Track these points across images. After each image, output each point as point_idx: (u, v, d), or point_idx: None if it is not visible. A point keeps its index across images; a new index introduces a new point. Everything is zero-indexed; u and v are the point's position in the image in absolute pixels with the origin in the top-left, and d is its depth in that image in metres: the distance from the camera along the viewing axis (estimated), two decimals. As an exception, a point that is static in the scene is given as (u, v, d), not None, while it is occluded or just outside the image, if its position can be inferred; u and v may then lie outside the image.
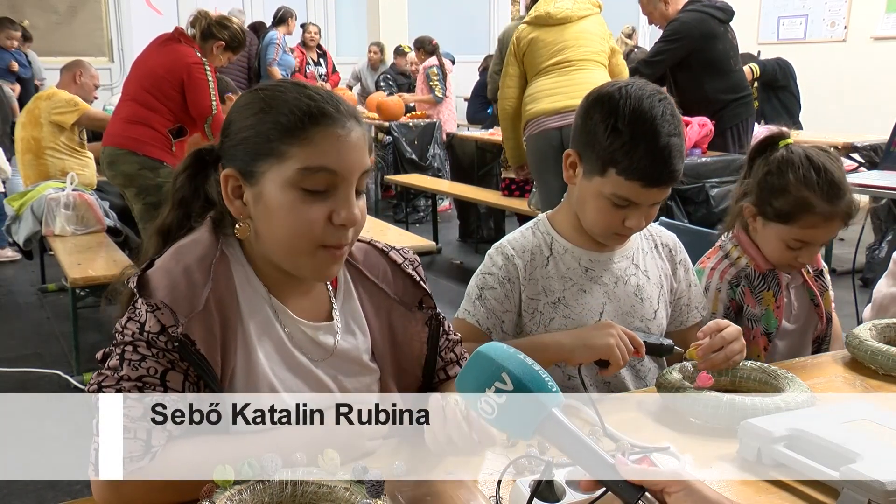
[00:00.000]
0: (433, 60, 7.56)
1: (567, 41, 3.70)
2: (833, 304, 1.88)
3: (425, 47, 7.70)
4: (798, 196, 1.65)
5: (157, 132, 3.82)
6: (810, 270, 1.84)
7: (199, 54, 3.78)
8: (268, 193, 1.07)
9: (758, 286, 1.75)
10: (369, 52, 8.98)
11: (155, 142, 3.83)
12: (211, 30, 3.83)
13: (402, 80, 8.38)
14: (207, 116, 3.79)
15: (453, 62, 8.20)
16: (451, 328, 1.33)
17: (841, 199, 1.65)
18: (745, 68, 4.76)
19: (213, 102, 3.79)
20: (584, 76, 3.60)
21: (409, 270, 1.26)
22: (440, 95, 7.53)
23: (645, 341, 1.44)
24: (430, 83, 7.43)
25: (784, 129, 1.85)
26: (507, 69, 3.90)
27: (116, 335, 1.06)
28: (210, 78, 3.77)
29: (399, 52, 8.55)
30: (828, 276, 1.87)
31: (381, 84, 8.26)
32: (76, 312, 3.63)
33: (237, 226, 1.11)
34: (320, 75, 8.20)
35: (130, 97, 3.87)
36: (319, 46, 8.56)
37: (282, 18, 8.00)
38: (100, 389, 1.03)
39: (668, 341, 1.49)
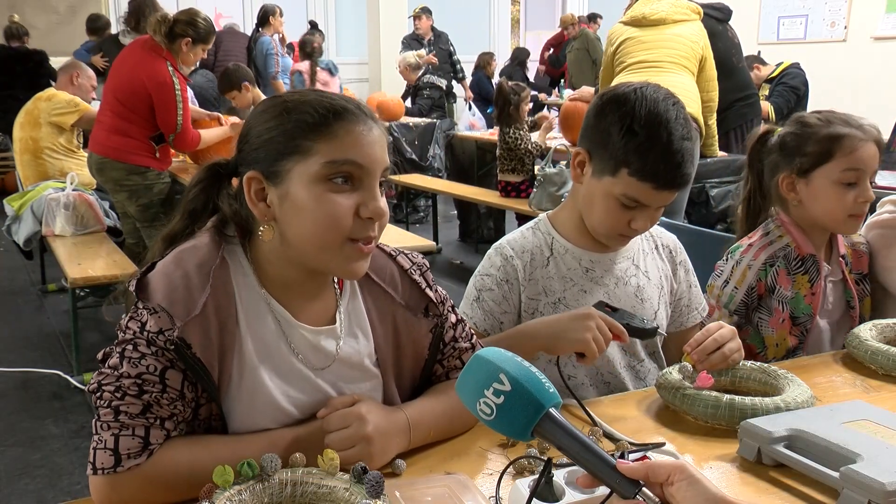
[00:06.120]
0: None
1: (657, 43, 3.70)
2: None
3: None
4: (828, 131, 1.69)
5: (138, 141, 3.90)
6: (852, 270, 1.83)
7: (170, 68, 3.80)
8: (294, 191, 1.07)
9: (795, 268, 1.75)
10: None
11: (138, 150, 3.91)
12: (174, 30, 3.83)
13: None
14: (171, 134, 3.89)
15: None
16: (468, 333, 1.31)
17: (859, 126, 1.70)
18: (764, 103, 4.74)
19: (179, 121, 3.86)
20: (667, 78, 3.52)
21: (416, 277, 1.25)
22: None
23: (628, 324, 1.40)
24: None
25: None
26: (603, 68, 3.97)
27: (119, 333, 1.07)
28: (178, 98, 3.82)
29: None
30: (868, 284, 1.85)
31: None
32: (76, 312, 3.63)
33: (261, 229, 1.11)
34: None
35: (109, 106, 3.92)
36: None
37: (264, 19, 7.61)
38: (99, 388, 1.03)
39: (653, 324, 1.46)
